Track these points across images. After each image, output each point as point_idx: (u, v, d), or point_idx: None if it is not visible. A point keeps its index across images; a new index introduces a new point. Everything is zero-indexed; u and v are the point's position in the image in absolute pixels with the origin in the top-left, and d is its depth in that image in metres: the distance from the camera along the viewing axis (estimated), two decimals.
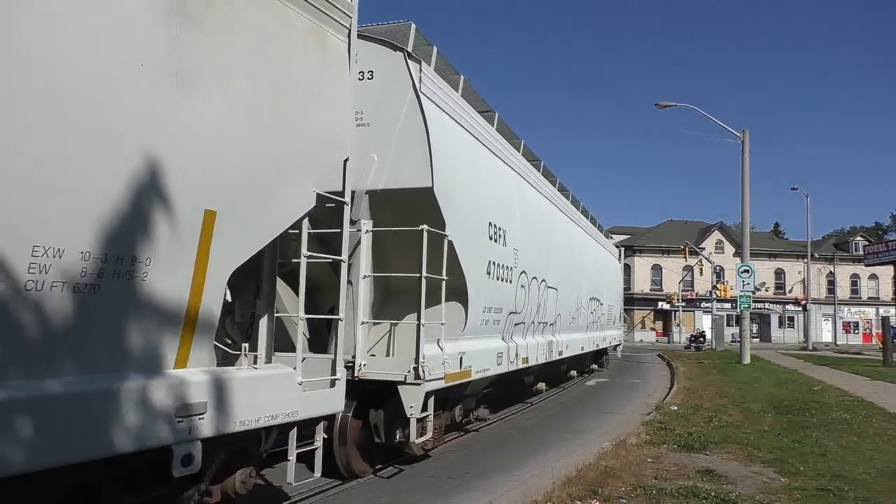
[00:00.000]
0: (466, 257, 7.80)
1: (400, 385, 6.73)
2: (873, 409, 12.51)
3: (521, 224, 10.31)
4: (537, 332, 11.92)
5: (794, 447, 8.71)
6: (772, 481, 6.94)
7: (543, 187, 12.85)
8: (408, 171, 6.93)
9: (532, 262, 10.93)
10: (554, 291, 12.67)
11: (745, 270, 25.46)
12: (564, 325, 14.03)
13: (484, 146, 9.21)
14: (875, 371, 22.22)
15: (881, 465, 7.74)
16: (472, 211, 8.29)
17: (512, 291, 9.80)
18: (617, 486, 6.49)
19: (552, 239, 12.88)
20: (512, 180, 10.41)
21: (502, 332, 9.70)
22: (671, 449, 8.46)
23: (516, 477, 7.46)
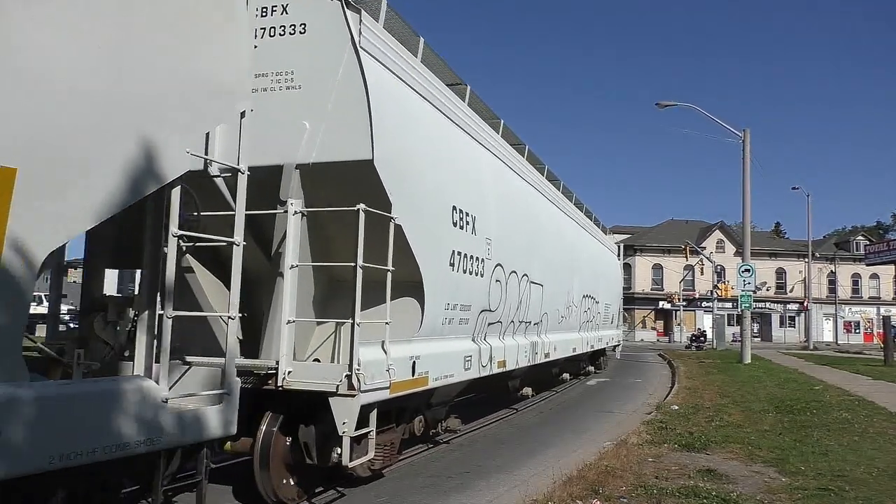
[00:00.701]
0: (422, 245, 6.66)
1: (331, 396, 5.59)
2: (874, 408, 12.43)
3: (498, 212, 9.12)
4: (518, 333, 10.69)
5: (795, 447, 8.65)
6: (773, 481, 6.90)
7: (528, 173, 11.64)
8: (344, 141, 5.80)
9: (511, 255, 9.73)
10: (539, 288, 11.43)
11: (746, 270, 25.42)
12: (552, 324, 12.81)
13: (451, 121, 8.07)
14: (876, 371, 22.13)
15: (882, 464, 7.70)
16: (431, 192, 7.12)
17: (484, 286, 8.61)
18: (618, 485, 6.46)
19: (538, 230, 11.69)
20: (486, 162, 9.20)
21: (472, 333, 8.50)
22: (672, 448, 8.42)
23: (517, 476, 7.41)
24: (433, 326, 7.21)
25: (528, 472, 7.62)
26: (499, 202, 9.33)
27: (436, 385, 7.23)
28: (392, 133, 6.19)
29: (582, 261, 15.96)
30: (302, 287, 6.00)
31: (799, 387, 16.41)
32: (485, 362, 8.81)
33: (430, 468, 7.91)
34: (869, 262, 36.20)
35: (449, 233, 7.48)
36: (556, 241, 13.16)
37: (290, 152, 5.87)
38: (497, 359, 9.36)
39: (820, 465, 7.63)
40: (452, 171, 7.88)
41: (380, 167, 5.84)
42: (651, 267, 59.92)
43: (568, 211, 15.18)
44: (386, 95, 6.20)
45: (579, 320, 15.77)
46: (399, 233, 6.21)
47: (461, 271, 7.77)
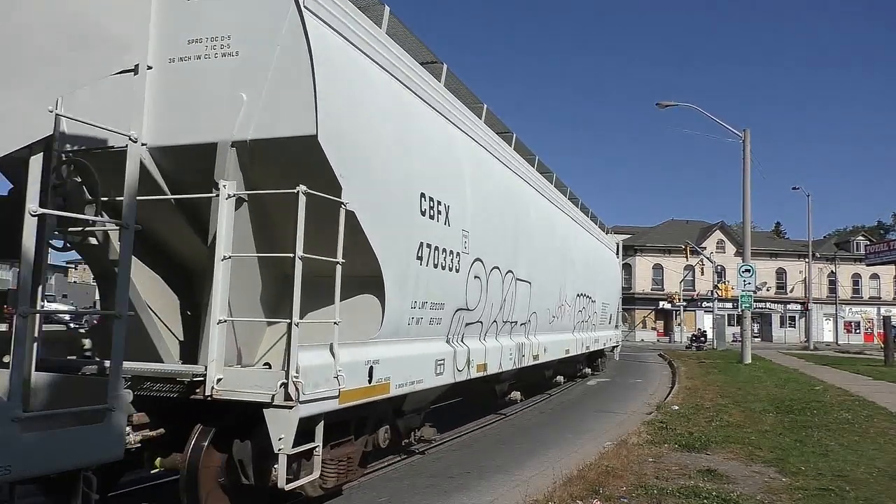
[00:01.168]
0: (381, 235, 5.92)
1: (265, 408, 4.86)
2: (875, 408, 12.43)
3: (476, 202, 8.26)
4: (503, 334, 9.81)
5: (795, 447, 8.66)
6: (773, 481, 6.90)
7: (515, 164, 10.68)
8: (285, 115, 5.10)
9: (492, 249, 8.89)
10: (526, 285, 10.56)
11: (747, 270, 25.44)
12: (542, 324, 11.92)
13: (423, 101, 7.23)
14: (876, 371, 22.25)
15: (883, 464, 7.70)
16: (394, 177, 6.31)
17: (460, 283, 7.81)
18: (618, 485, 6.45)
19: (525, 224, 10.70)
20: (464, 148, 8.31)
21: (446, 334, 7.70)
22: (672, 448, 8.41)
23: (517, 476, 7.38)
24: (397, 327, 6.43)
25: (528, 472, 7.58)
26: (478, 192, 8.49)
27: (399, 392, 6.41)
28: (343, 107, 5.43)
29: (576, 258, 15.00)
30: (242, 282, 5.27)
31: (799, 387, 16.38)
32: (461, 366, 7.99)
33: (431, 468, 7.88)
34: (869, 263, 36.20)
35: (416, 223, 6.63)
36: (546, 236, 12.28)
37: (226, 128, 5.16)
38: (476, 362, 8.52)
39: (820, 465, 7.63)
40: (423, 155, 6.97)
41: (326, 144, 5.09)
42: (651, 267, 59.86)
43: (561, 205, 14.24)
44: (337, 65, 5.45)
45: (573, 320, 14.87)
46: (352, 220, 5.44)
47: (432, 266, 6.93)
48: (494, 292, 9.05)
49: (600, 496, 6.05)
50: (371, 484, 7.06)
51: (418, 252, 6.66)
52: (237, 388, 4.90)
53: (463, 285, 7.92)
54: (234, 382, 4.93)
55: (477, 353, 8.57)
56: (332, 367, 5.26)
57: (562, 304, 13.49)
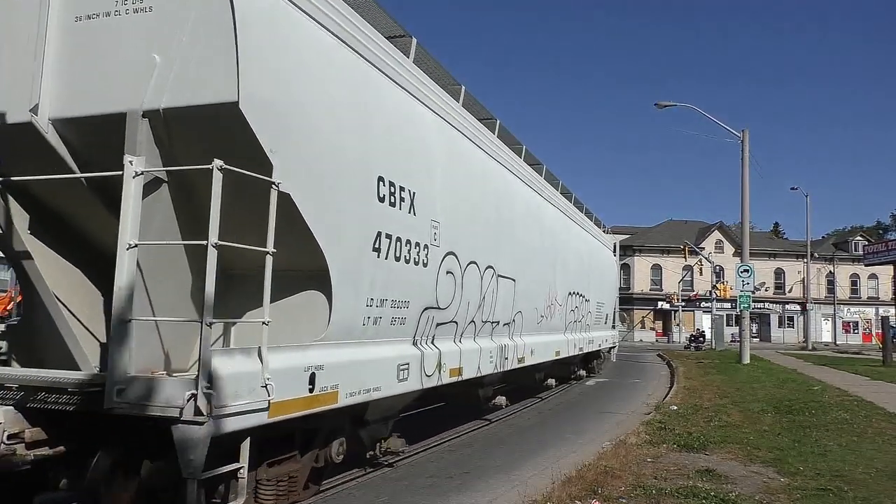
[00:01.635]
0: (326, 223, 5.19)
1: (173, 424, 4.06)
2: (873, 408, 12.41)
3: (449, 190, 7.50)
4: (482, 335, 8.99)
5: (793, 447, 8.64)
6: (771, 481, 6.89)
7: (498, 152, 9.73)
8: (202, 79, 4.35)
9: (469, 242, 8.08)
10: (510, 283, 9.72)
11: (745, 270, 25.46)
12: (529, 324, 11.12)
13: (385, 76, 6.39)
14: (875, 371, 22.25)
15: (881, 464, 7.70)
16: (344, 156, 5.49)
17: (428, 279, 7.02)
18: (617, 485, 6.44)
19: (509, 217, 9.86)
20: (435, 131, 7.46)
21: (412, 336, 6.92)
22: (671, 449, 8.39)
23: (516, 477, 7.35)
24: (348, 328, 5.67)
25: (527, 473, 7.54)
26: (452, 180, 7.70)
27: (351, 402, 5.63)
28: (276, 74, 4.71)
29: (568, 255, 14.15)
30: (166, 275, 4.56)
31: (798, 387, 16.34)
32: (430, 370, 7.23)
33: (430, 468, 7.86)
34: (867, 263, 36.18)
35: (373, 210, 5.84)
36: (533, 230, 11.40)
37: (136, 96, 4.44)
38: (449, 366, 7.73)
39: (819, 465, 7.62)
40: (384, 136, 6.18)
41: (251, 114, 4.36)
42: (650, 267, 59.87)
43: (551, 199, 13.25)
44: (269, 25, 4.75)
45: (565, 320, 14.01)
46: (288, 205, 4.72)
47: (392, 259, 6.16)
48: (471, 289, 8.25)
49: (599, 496, 6.04)
50: (371, 484, 7.02)
51: (375, 243, 5.86)
52: (142, 401, 4.10)
53: (432, 281, 7.12)
54: (139, 393, 4.12)
55: (450, 356, 7.78)
56: (258, 374, 4.46)
57: (551, 303, 12.65)
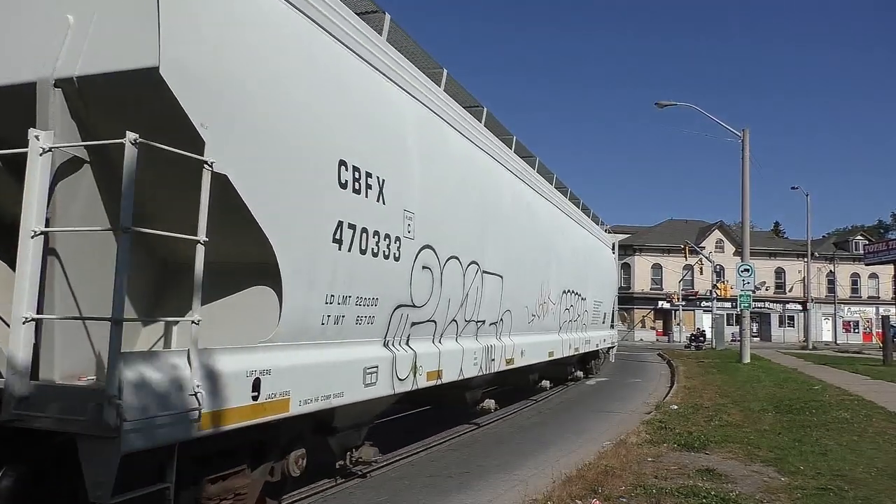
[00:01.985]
0: (274, 210, 4.53)
1: (80, 439, 3.53)
2: (873, 408, 12.40)
3: (427, 179, 6.87)
4: (466, 335, 8.37)
5: (794, 446, 8.62)
6: (772, 480, 6.88)
7: (484, 141, 9.06)
8: (121, 43, 3.77)
9: (449, 236, 7.48)
10: (496, 280, 9.10)
11: (746, 269, 25.44)
12: (519, 324, 10.48)
13: (351, 51, 5.73)
14: (875, 370, 22.07)
15: (881, 464, 7.68)
16: (297, 136, 4.83)
17: (401, 274, 6.40)
18: (617, 485, 6.42)
19: (497, 210, 9.24)
20: (411, 114, 6.78)
21: (383, 335, 6.31)
22: (671, 448, 8.38)
23: (516, 476, 7.37)
24: (304, 327, 5.04)
25: (527, 472, 7.56)
26: (431, 168, 7.05)
27: (306, 410, 5.01)
28: (207, 37, 4.06)
29: (562, 251, 13.44)
30: (92, 268, 4.00)
31: (798, 386, 16.34)
32: (404, 374, 6.61)
33: (430, 468, 7.87)
34: (868, 262, 36.18)
35: (332, 197, 5.20)
36: (524, 225, 10.75)
37: (47, 62, 3.86)
38: (427, 368, 7.11)
39: (819, 464, 7.61)
40: (347, 115, 5.52)
41: (174, 81, 3.73)
42: (650, 266, 59.86)
43: (545, 192, 12.53)
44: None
45: (559, 320, 13.35)
46: (225, 188, 4.09)
47: (357, 251, 5.54)
48: (452, 286, 7.64)
49: (599, 496, 6.04)
50: (371, 484, 7.03)
51: (336, 233, 5.23)
52: (40, 412, 3.55)
53: (405, 277, 6.49)
54: (44, 403, 3.58)
55: (428, 357, 7.16)
56: (186, 381, 3.83)
57: (544, 301, 12.01)
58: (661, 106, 27.25)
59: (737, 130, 26.59)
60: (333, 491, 6.69)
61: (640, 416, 11.81)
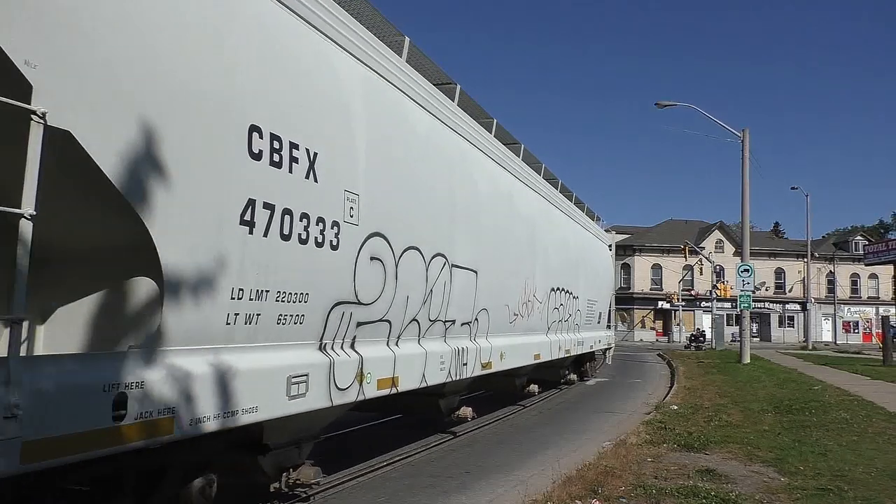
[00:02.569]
0: (149, 181, 3.65)
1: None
2: (873, 408, 12.37)
3: (376, 155, 5.93)
4: (430, 336, 7.43)
5: (794, 447, 8.60)
6: (772, 481, 6.86)
7: (454, 119, 8.07)
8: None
9: (406, 223, 6.55)
10: (469, 275, 8.21)
11: (745, 270, 25.41)
12: (499, 324, 9.57)
13: (278, 2, 4.81)
14: (875, 370, 22.05)
15: (881, 464, 7.65)
16: (179, 87, 3.85)
17: (340, 265, 5.43)
18: (617, 485, 6.41)
19: (468, 197, 8.28)
20: (356, 80, 5.75)
21: (318, 337, 5.36)
22: (671, 448, 8.38)
23: (516, 476, 7.35)
24: (199, 328, 4.11)
25: (527, 472, 7.55)
26: (382, 144, 6.10)
27: (201, 431, 4.05)
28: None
29: (550, 246, 12.42)
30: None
31: (798, 387, 16.34)
32: (346, 382, 5.61)
33: (430, 468, 7.87)
34: (868, 262, 36.13)
35: (240, 169, 4.27)
36: (504, 215, 9.82)
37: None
38: (379, 375, 6.18)
39: (819, 464, 7.60)
40: (265, 72, 4.60)
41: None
42: (650, 267, 59.89)
43: (530, 182, 11.45)
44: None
45: (547, 319, 12.43)
46: (68, 146, 3.21)
47: (277, 236, 4.62)
48: (411, 281, 6.75)
49: (599, 496, 6.04)
50: (370, 484, 7.03)
51: (245, 214, 4.31)
52: None
53: (347, 269, 5.55)
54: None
55: (379, 363, 6.20)
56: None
57: (528, 299, 11.04)
58: (660, 106, 27.22)
59: (737, 130, 26.57)
60: (334, 491, 6.68)
61: (640, 416, 11.82)
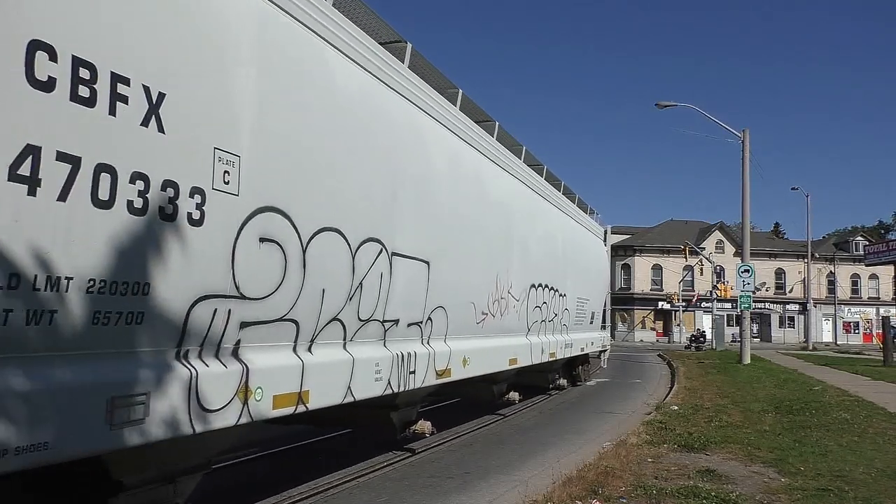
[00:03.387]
0: None
1: None
2: (873, 408, 12.36)
3: (272, 106, 4.76)
4: (362, 340, 6.15)
5: (794, 447, 8.60)
6: (772, 481, 6.85)
7: (402, 82, 6.80)
8: None
9: (318, 198, 5.31)
10: (417, 266, 6.96)
11: (746, 270, 25.43)
12: (461, 324, 8.29)
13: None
14: (875, 371, 22.07)
15: (882, 464, 7.64)
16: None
17: (209, 247, 4.18)
18: (617, 485, 6.39)
19: (419, 172, 7.08)
20: (241, 6, 4.53)
21: (175, 343, 4.08)
22: (671, 449, 8.37)
23: (516, 477, 7.34)
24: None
25: (527, 473, 7.55)
26: (281, 93, 4.88)
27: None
28: None
29: (531, 237, 11.07)
30: None
31: (798, 387, 16.34)
32: (220, 401, 4.32)
33: (430, 468, 7.86)
34: (868, 263, 36.17)
35: (14, 101, 3.08)
36: (468, 199, 8.47)
37: None
38: (276, 391, 4.87)
39: (819, 465, 7.60)
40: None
41: None
42: (651, 267, 59.90)
43: (506, 164, 10.10)
44: None
45: (526, 320, 11.00)
46: None
47: (87, 202, 3.39)
48: (329, 271, 5.48)
49: (599, 496, 6.04)
50: (370, 484, 7.03)
51: (21, 166, 3.09)
52: None
53: (221, 252, 4.31)
54: None
55: (277, 375, 4.90)
56: None
57: (501, 297, 9.62)
58: (661, 106, 27.25)
59: (737, 131, 26.60)
60: (334, 491, 6.68)
61: (641, 416, 11.82)
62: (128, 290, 3.69)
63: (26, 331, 3.18)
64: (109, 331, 3.62)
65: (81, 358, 3.49)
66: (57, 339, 3.34)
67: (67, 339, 3.39)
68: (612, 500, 6.00)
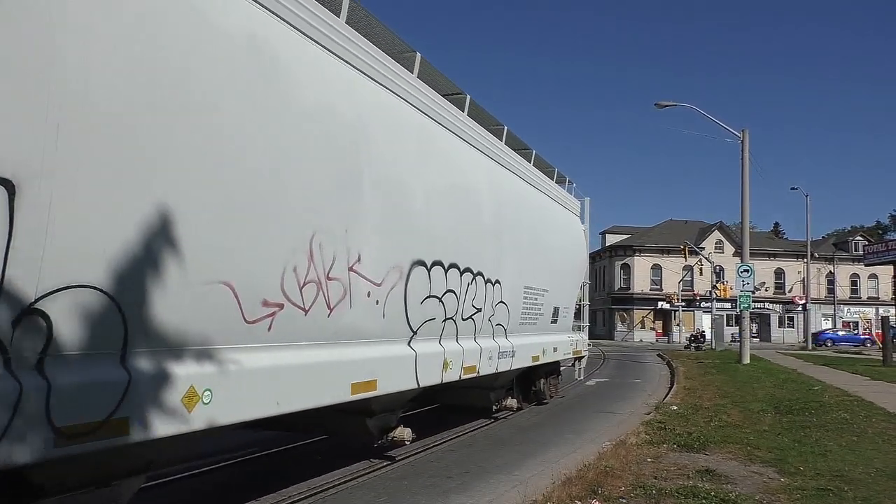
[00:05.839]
0: None
1: None
2: (873, 408, 12.39)
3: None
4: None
5: (793, 447, 8.61)
6: (771, 481, 6.87)
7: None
8: None
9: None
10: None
11: (745, 270, 25.42)
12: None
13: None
14: (875, 371, 22.09)
15: (881, 464, 7.66)
16: None
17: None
18: (617, 485, 6.41)
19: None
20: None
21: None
22: (671, 449, 8.39)
23: (516, 477, 7.36)
24: None
25: (527, 473, 7.57)
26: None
27: None
28: None
29: (412, 181, 6.87)
30: None
31: (798, 387, 16.35)
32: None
33: (430, 468, 7.86)
34: (868, 263, 36.15)
35: None
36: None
37: None
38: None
39: (819, 465, 7.61)
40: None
41: None
42: (650, 267, 59.87)
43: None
44: None
45: (405, 316, 6.84)
46: None
47: None
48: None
49: (599, 496, 6.04)
50: (370, 484, 7.04)
51: None
52: None
53: None
54: None
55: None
56: None
57: (329, 276, 5.47)
58: (660, 106, 27.19)
59: (736, 131, 26.58)
60: (334, 491, 6.68)
61: (640, 416, 11.83)
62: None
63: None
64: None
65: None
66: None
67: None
68: (612, 499, 6.00)
